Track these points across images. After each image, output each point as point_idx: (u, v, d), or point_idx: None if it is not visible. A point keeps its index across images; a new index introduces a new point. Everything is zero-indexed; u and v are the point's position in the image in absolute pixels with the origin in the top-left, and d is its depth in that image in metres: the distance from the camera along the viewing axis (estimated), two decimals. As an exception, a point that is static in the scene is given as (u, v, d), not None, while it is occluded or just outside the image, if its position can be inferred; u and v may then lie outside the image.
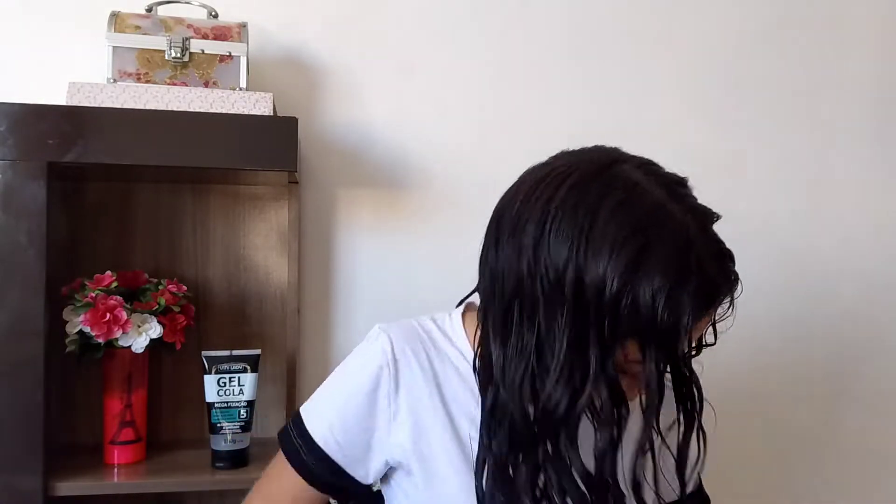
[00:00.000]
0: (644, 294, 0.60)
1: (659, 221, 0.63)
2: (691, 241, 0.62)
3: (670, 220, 0.63)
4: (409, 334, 0.80)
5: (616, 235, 0.61)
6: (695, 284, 0.61)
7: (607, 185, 0.64)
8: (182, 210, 1.27)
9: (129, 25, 1.11)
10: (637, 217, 0.62)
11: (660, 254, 0.61)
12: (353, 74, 1.36)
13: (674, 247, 0.62)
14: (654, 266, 0.60)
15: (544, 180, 0.68)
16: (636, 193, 0.64)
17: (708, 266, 0.63)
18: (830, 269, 1.52)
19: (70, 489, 1.05)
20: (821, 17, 1.53)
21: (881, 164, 1.55)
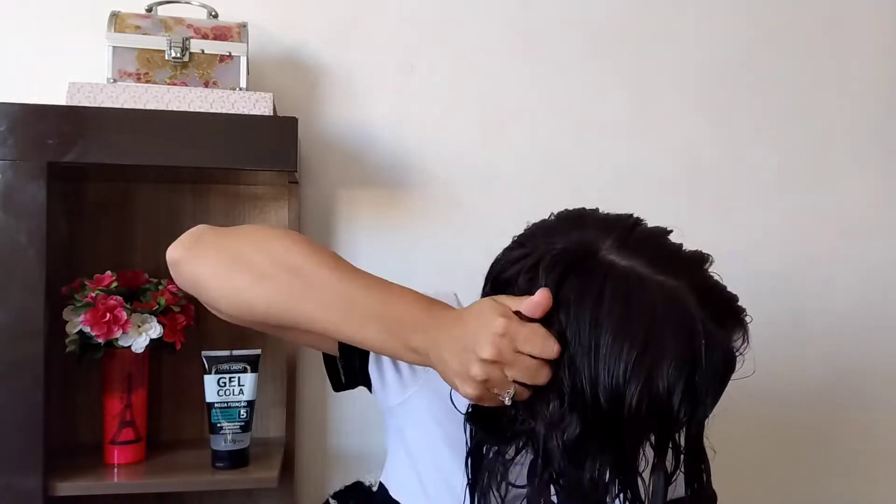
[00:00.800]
0: (660, 396, 0.58)
1: (661, 318, 0.59)
2: (695, 327, 0.59)
3: (671, 310, 0.59)
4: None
5: (626, 350, 0.58)
6: (707, 370, 0.59)
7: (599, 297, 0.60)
8: (182, 210, 1.27)
9: (129, 25, 1.11)
10: (640, 325, 0.58)
11: (670, 353, 0.58)
12: (353, 74, 1.36)
13: (681, 341, 0.58)
14: (667, 367, 0.58)
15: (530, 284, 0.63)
16: (628, 298, 0.60)
17: (715, 340, 0.60)
18: (830, 269, 1.52)
19: (70, 489, 1.04)
20: (821, 17, 1.53)
21: (881, 164, 1.55)
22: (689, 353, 0.58)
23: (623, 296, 0.59)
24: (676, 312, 0.59)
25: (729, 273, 0.66)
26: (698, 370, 0.58)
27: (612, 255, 0.62)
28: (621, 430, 0.59)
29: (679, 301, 0.60)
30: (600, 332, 0.58)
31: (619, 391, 0.58)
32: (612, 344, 0.58)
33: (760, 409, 1.49)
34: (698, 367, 0.58)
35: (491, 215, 1.38)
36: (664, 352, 0.58)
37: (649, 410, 0.58)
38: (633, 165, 1.44)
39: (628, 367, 0.57)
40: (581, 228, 0.66)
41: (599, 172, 1.43)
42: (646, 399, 0.57)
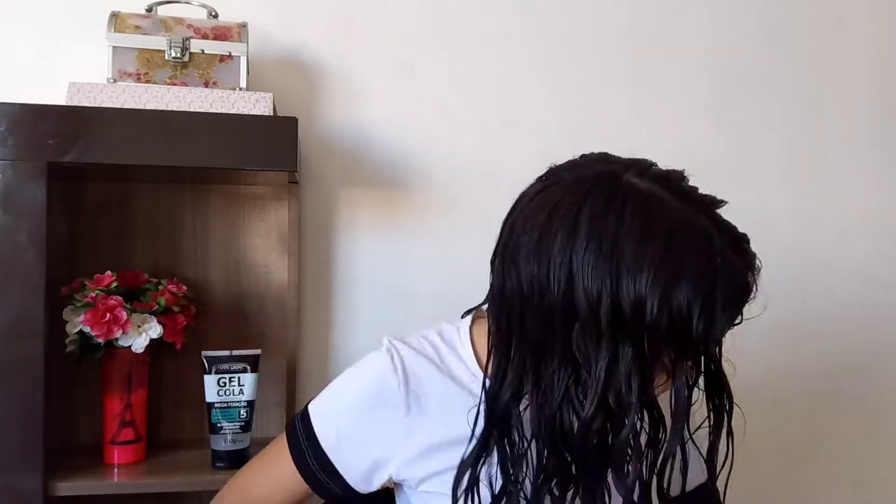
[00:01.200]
0: (680, 308, 0.61)
1: (681, 233, 0.63)
2: (713, 245, 0.63)
3: (690, 228, 0.63)
4: (417, 350, 0.79)
5: (647, 259, 0.61)
6: (725, 287, 0.62)
7: (622, 208, 0.64)
8: (182, 210, 1.27)
9: (129, 25, 1.11)
10: (660, 236, 0.62)
11: (689, 266, 0.61)
12: (353, 74, 1.36)
13: (700, 255, 0.62)
14: (686, 280, 0.61)
15: (557, 211, 0.66)
16: (651, 210, 0.64)
17: (733, 264, 0.64)
18: (830, 269, 1.52)
19: (70, 489, 1.04)
20: (821, 17, 1.53)
21: (881, 164, 1.55)
22: (707, 271, 0.62)
23: (644, 212, 0.63)
24: (697, 232, 0.63)
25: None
26: (717, 288, 0.61)
27: (634, 179, 0.66)
28: (643, 343, 0.62)
29: (699, 223, 0.64)
30: (622, 244, 0.62)
31: (640, 301, 0.60)
32: (633, 255, 0.61)
33: (759, 408, 1.49)
34: (717, 285, 0.62)
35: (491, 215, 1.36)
36: (683, 268, 0.61)
37: (669, 323, 0.61)
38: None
39: (648, 278, 0.60)
40: (604, 163, 0.71)
41: (599, 172, 1.43)
42: (666, 311, 0.60)
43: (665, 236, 0.62)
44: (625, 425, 0.63)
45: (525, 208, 0.71)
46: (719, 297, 0.62)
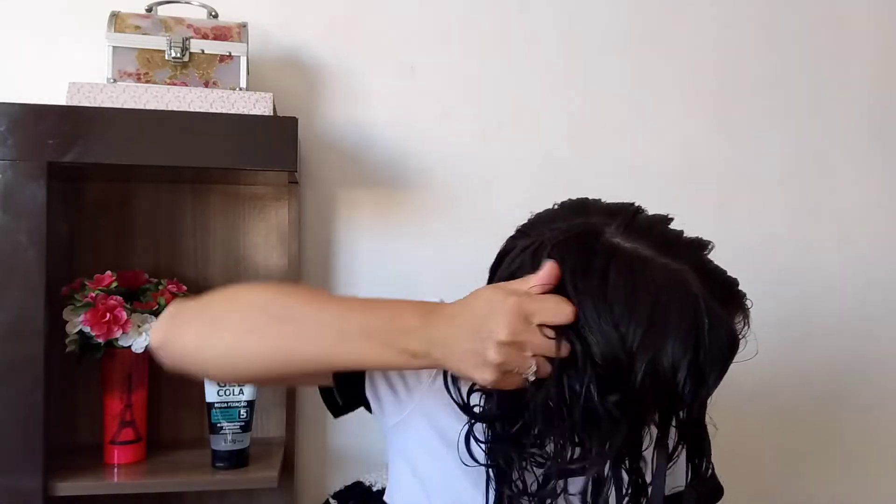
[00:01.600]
0: (665, 372, 0.59)
1: (666, 296, 0.60)
2: (699, 304, 0.61)
3: (675, 289, 0.61)
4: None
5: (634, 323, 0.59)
6: (712, 349, 0.60)
7: (604, 278, 0.61)
8: (182, 210, 1.27)
9: (129, 25, 1.11)
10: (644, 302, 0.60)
11: (675, 331, 0.59)
12: (353, 74, 1.36)
13: (685, 318, 0.60)
14: (673, 343, 0.59)
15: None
16: (634, 273, 0.61)
17: (718, 320, 0.61)
18: (829, 269, 1.52)
19: (70, 489, 1.04)
20: (820, 17, 1.53)
21: (881, 164, 1.55)
22: (693, 331, 0.60)
23: (628, 275, 0.61)
24: (680, 292, 0.61)
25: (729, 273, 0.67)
26: (702, 348, 0.60)
27: (616, 238, 0.64)
28: (627, 407, 0.60)
29: (682, 281, 0.62)
30: (606, 308, 0.60)
31: (624, 368, 0.59)
32: (618, 321, 0.59)
33: (761, 408, 1.49)
34: (702, 344, 0.60)
35: (491, 215, 1.38)
36: (669, 329, 0.59)
37: (654, 387, 0.59)
38: (632, 165, 1.44)
39: (634, 343, 0.59)
40: (585, 215, 0.68)
41: (599, 172, 1.43)
42: (650, 375, 0.59)
43: (650, 301, 0.60)
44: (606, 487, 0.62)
45: (510, 267, 0.68)
46: (705, 360, 0.60)
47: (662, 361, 0.59)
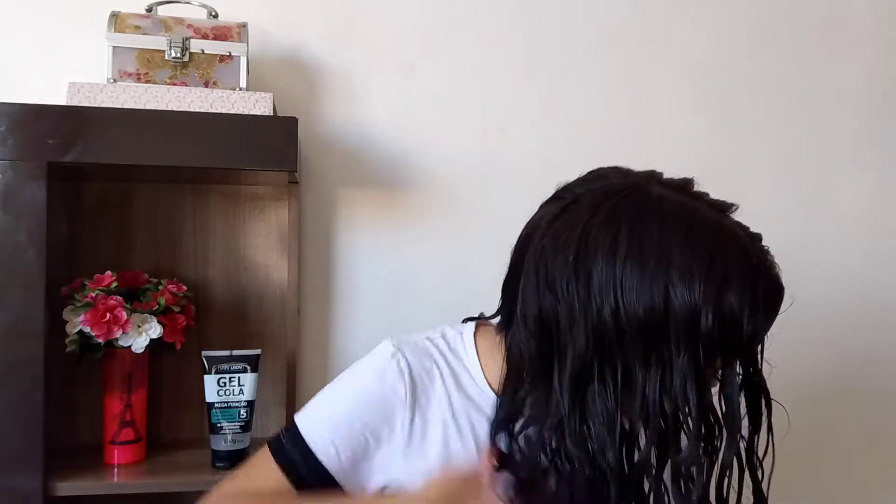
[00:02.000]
0: (732, 313, 0.62)
1: (720, 239, 0.64)
2: (747, 247, 0.65)
3: (726, 232, 0.65)
4: (424, 355, 0.77)
5: (697, 267, 0.62)
6: (765, 286, 0.65)
7: (661, 218, 0.64)
8: (182, 210, 1.27)
9: (129, 25, 1.11)
10: (704, 243, 0.63)
11: (735, 271, 0.62)
12: (353, 74, 1.36)
13: (741, 259, 0.63)
14: (735, 285, 0.62)
15: (591, 228, 0.64)
16: (688, 218, 0.65)
17: (764, 262, 0.66)
18: (828, 269, 1.52)
19: (70, 489, 1.04)
20: (820, 17, 1.53)
21: (880, 164, 1.55)
22: (749, 274, 0.63)
23: (682, 219, 0.64)
24: (732, 237, 0.65)
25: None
26: (759, 288, 0.63)
27: (659, 189, 0.67)
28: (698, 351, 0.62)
29: (732, 228, 0.66)
30: (669, 254, 0.62)
31: (695, 309, 0.61)
32: (682, 265, 0.61)
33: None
34: (758, 285, 0.63)
35: (491, 215, 1.38)
36: (730, 273, 0.62)
37: (721, 328, 0.61)
38: (632, 165, 1.43)
39: (700, 286, 0.61)
40: (622, 175, 0.71)
41: (599, 172, 1.43)
42: (719, 317, 0.61)
43: (708, 243, 0.63)
44: (680, 440, 0.63)
45: (549, 231, 0.68)
46: (762, 297, 0.63)
47: (729, 302, 0.62)
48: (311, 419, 0.76)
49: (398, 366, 0.75)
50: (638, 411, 0.63)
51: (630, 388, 0.63)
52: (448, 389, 0.76)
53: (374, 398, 0.75)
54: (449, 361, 0.78)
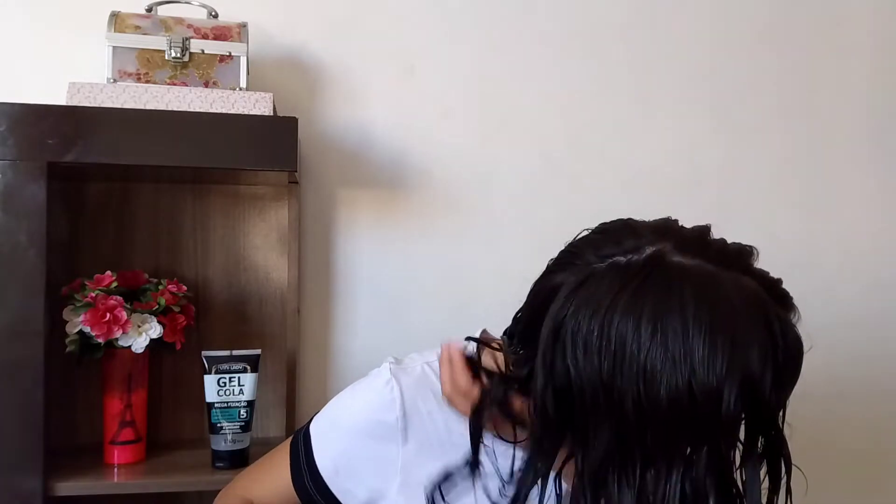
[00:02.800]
0: (753, 390, 0.59)
1: (742, 310, 0.61)
2: (769, 312, 0.62)
3: (747, 301, 0.62)
4: (420, 383, 0.77)
5: (720, 346, 0.59)
6: (787, 351, 0.61)
7: (682, 295, 0.60)
8: (182, 210, 1.27)
9: (129, 25, 1.11)
10: (725, 319, 0.60)
11: (756, 344, 0.60)
12: (353, 74, 1.36)
13: (762, 328, 0.60)
14: (757, 358, 0.59)
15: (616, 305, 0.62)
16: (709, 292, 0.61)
17: (786, 323, 0.63)
18: (830, 270, 1.52)
19: (70, 489, 1.04)
20: (820, 17, 1.53)
21: (880, 164, 1.55)
22: (770, 340, 0.60)
23: (704, 296, 0.60)
24: (753, 303, 0.62)
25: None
26: (780, 353, 0.60)
27: (677, 258, 0.63)
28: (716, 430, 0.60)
29: (751, 291, 0.62)
30: (691, 333, 0.59)
31: (718, 390, 0.58)
32: (704, 344, 0.59)
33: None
34: (779, 350, 0.60)
35: (491, 215, 1.38)
36: (751, 342, 0.59)
37: (744, 403, 0.59)
38: (632, 166, 1.44)
39: (723, 365, 0.58)
40: (635, 236, 0.66)
41: (599, 173, 1.43)
42: (742, 393, 0.59)
43: (732, 329, 0.59)
44: None
45: (570, 300, 0.64)
46: (783, 363, 0.61)
47: (751, 375, 0.59)
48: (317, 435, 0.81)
49: (391, 394, 0.76)
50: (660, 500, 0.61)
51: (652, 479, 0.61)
52: (445, 416, 0.75)
53: (366, 426, 0.76)
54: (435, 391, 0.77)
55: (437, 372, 0.78)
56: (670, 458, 0.60)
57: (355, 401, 0.79)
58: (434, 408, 0.76)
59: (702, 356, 0.59)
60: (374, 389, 0.78)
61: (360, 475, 0.77)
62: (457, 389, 0.74)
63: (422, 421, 0.75)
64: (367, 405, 0.77)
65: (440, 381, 0.76)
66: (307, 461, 0.79)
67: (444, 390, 0.75)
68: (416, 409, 0.76)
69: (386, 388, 0.76)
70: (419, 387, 0.77)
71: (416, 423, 0.75)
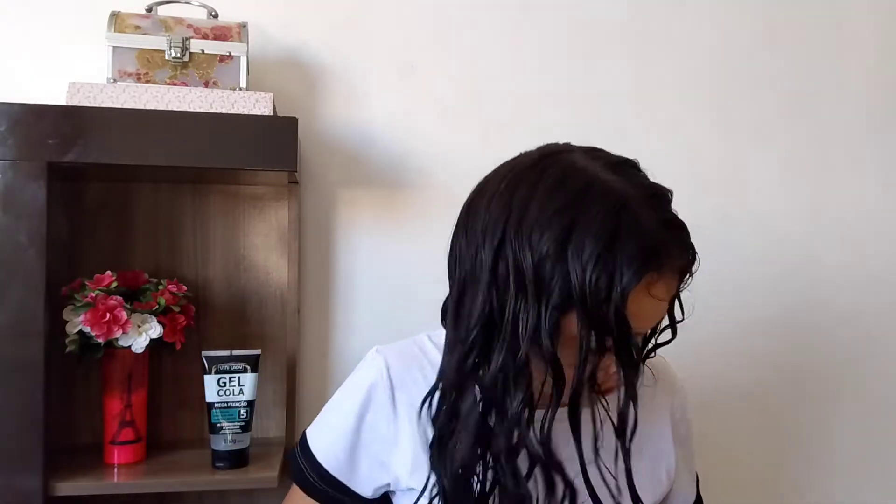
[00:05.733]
0: (575, 264, 0.60)
1: (592, 193, 0.62)
2: (626, 206, 0.62)
3: (605, 189, 0.63)
4: (406, 356, 0.80)
5: (546, 214, 0.62)
6: (629, 246, 0.60)
7: (543, 171, 0.66)
8: (182, 210, 1.27)
9: (129, 25, 1.11)
10: (569, 193, 0.62)
11: (591, 222, 0.60)
12: (353, 74, 1.36)
13: (605, 213, 0.61)
14: (585, 234, 0.60)
15: (495, 175, 0.71)
16: (571, 173, 0.65)
17: (646, 229, 0.61)
18: (830, 269, 1.52)
19: (70, 489, 1.04)
20: (820, 17, 1.53)
21: (880, 164, 1.55)
22: (609, 226, 0.60)
23: (564, 174, 0.64)
24: (610, 192, 0.63)
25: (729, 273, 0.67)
26: (618, 242, 0.60)
27: (576, 156, 0.67)
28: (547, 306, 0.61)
29: (617, 186, 0.63)
30: (530, 200, 0.63)
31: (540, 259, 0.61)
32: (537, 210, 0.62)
33: (760, 408, 1.49)
34: (618, 239, 0.60)
35: (491, 215, 1.38)
36: (581, 222, 0.61)
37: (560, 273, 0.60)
38: (633, 165, 1.44)
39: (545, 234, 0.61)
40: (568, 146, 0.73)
41: (599, 172, 1.43)
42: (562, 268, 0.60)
43: (574, 192, 0.62)
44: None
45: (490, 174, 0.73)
46: (621, 253, 0.59)
47: (575, 253, 0.60)
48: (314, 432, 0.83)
49: (377, 369, 0.78)
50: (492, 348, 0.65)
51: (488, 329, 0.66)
52: (428, 383, 0.77)
53: (357, 406, 0.78)
54: (430, 356, 0.80)
55: (421, 347, 0.80)
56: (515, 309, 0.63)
57: (349, 386, 0.82)
58: (418, 376, 0.78)
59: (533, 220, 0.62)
60: (363, 370, 0.81)
61: (365, 456, 0.78)
62: None
63: (408, 392, 0.77)
64: (360, 385, 0.79)
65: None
66: (311, 468, 0.81)
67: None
68: (402, 380, 0.78)
69: (373, 365, 0.79)
70: (406, 360, 0.79)
71: (403, 393, 0.77)
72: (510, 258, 0.62)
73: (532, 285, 0.61)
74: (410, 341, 0.83)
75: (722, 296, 1.42)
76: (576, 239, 0.60)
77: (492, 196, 0.67)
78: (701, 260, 0.67)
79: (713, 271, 1.41)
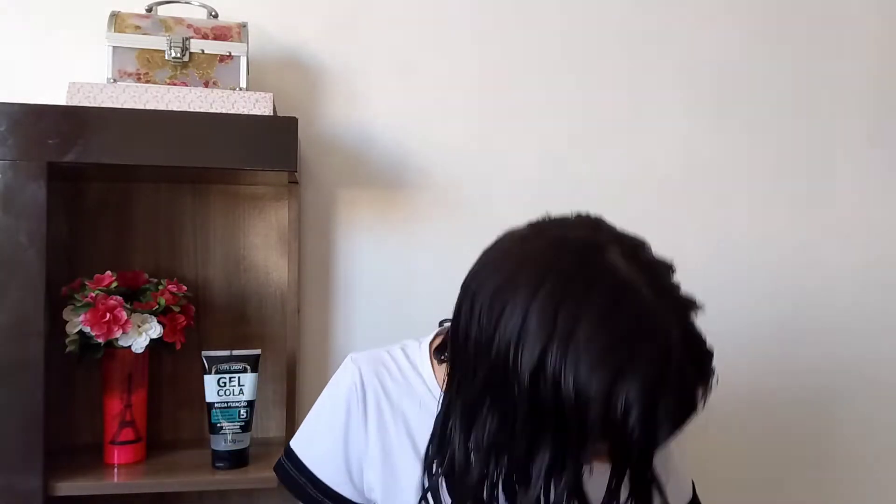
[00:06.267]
0: (619, 409, 0.56)
1: (641, 332, 0.58)
2: (672, 352, 0.58)
3: (652, 329, 0.58)
4: (376, 364, 0.81)
5: (596, 347, 0.56)
6: (671, 397, 0.57)
7: (589, 286, 0.59)
8: (182, 210, 1.27)
9: (129, 25, 1.11)
10: (619, 328, 0.57)
11: (641, 366, 0.56)
12: (353, 74, 1.36)
13: (651, 363, 0.57)
14: (632, 384, 0.56)
15: (527, 264, 0.62)
16: (621, 297, 0.59)
17: (686, 376, 0.59)
18: (829, 269, 1.52)
19: (70, 489, 1.04)
20: (820, 16, 1.53)
21: (880, 164, 1.55)
22: (657, 379, 0.56)
23: (614, 295, 0.58)
24: (660, 334, 0.58)
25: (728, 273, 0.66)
26: (662, 399, 0.57)
27: (617, 259, 0.61)
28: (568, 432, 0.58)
29: (665, 326, 0.58)
30: (580, 320, 0.57)
31: (582, 389, 0.56)
32: (587, 337, 0.56)
33: (758, 408, 1.49)
34: (662, 395, 0.57)
35: (490, 215, 1.38)
36: (634, 365, 0.56)
37: (602, 421, 0.56)
38: (631, 165, 1.44)
39: (596, 366, 0.56)
40: (594, 230, 0.65)
41: (599, 172, 1.43)
42: (603, 407, 0.56)
43: (626, 328, 0.57)
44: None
45: (501, 248, 0.68)
46: (662, 406, 0.57)
47: (618, 396, 0.56)
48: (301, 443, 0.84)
49: (350, 377, 0.80)
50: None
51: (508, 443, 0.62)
52: (399, 394, 0.79)
53: (335, 414, 0.80)
54: (401, 367, 0.81)
55: (395, 358, 0.81)
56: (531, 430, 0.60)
57: (325, 393, 0.83)
58: (391, 389, 0.79)
59: (581, 347, 0.56)
60: (338, 378, 0.82)
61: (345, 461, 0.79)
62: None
63: (379, 400, 0.78)
64: (336, 392, 0.81)
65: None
66: (300, 471, 0.82)
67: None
68: (374, 388, 0.79)
69: (346, 373, 0.81)
70: (377, 368, 0.80)
71: (375, 401, 0.78)
72: (549, 381, 0.57)
73: (574, 423, 0.57)
74: (385, 351, 0.83)
75: (722, 296, 1.42)
76: (622, 387, 0.56)
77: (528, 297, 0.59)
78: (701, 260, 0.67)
79: (713, 271, 1.41)
